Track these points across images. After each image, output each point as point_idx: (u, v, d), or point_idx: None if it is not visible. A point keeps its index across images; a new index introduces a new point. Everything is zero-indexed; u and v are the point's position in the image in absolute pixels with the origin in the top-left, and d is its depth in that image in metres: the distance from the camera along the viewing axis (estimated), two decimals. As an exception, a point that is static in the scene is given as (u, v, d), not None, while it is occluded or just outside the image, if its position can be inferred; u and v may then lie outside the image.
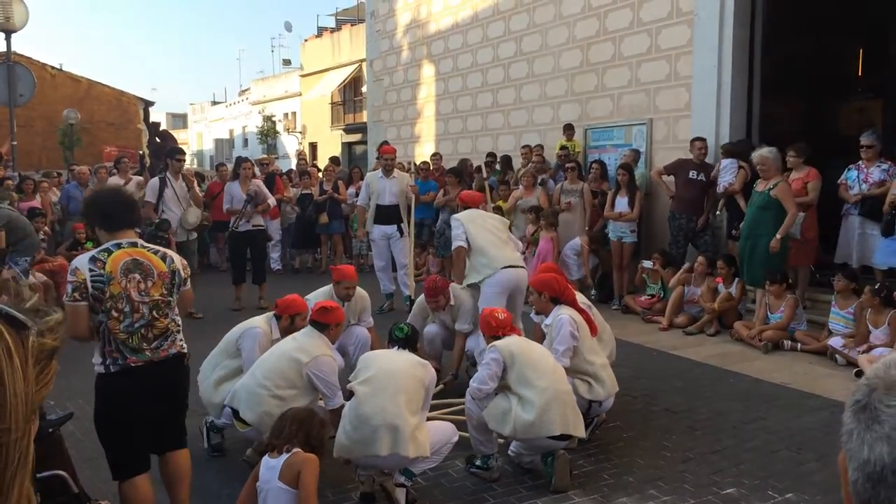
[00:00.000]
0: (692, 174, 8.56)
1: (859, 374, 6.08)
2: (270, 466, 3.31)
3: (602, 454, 4.58)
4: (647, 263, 8.68)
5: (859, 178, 7.44)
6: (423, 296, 6.11)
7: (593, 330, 4.92)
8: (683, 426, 5.09)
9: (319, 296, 5.73)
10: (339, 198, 12.02)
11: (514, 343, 4.28)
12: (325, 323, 4.32)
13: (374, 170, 9.19)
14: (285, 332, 4.80)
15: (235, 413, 4.20)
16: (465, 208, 6.58)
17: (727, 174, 8.23)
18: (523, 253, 9.28)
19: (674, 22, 9.42)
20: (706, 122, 8.97)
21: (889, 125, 10.60)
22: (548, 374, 4.13)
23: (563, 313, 4.75)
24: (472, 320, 5.80)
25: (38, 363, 0.97)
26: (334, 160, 14.37)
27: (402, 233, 8.66)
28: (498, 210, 9.99)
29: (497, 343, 4.25)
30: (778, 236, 6.97)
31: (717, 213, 8.59)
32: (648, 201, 9.47)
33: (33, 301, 1.05)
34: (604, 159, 10.06)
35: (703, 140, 8.65)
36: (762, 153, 7.24)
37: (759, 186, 7.28)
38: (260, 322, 4.81)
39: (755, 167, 7.33)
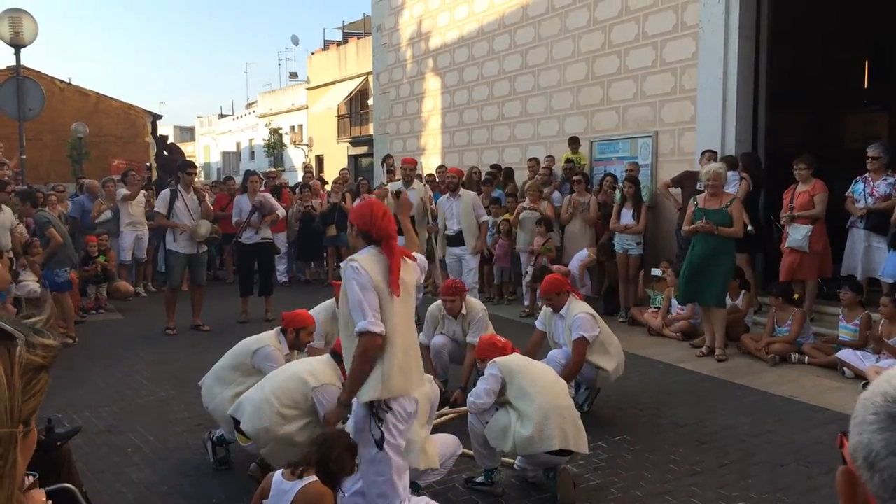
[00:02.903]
0: (699, 186, 8.53)
1: (867, 386, 6.04)
2: (283, 489, 3.15)
3: (609, 468, 4.57)
4: (657, 272, 8.69)
5: (865, 191, 7.44)
6: (433, 305, 6.12)
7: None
8: (691, 439, 5.07)
9: (322, 311, 5.74)
10: (345, 208, 12.06)
11: (514, 360, 4.31)
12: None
13: (390, 181, 9.29)
14: (291, 345, 4.81)
15: (237, 423, 4.19)
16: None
17: (730, 186, 8.14)
18: (532, 265, 9.34)
19: (679, 35, 9.45)
20: (712, 134, 8.98)
21: (895, 137, 10.60)
22: (547, 389, 4.11)
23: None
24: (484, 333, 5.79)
25: (26, 374, 0.98)
26: (342, 172, 14.43)
27: None
28: (506, 223, 10.04)
29: (497, 360, 4.27)
30: (717, 232, 6.95)
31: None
32: (654, 213, 9.47)
33: (39, 319, 1.07)
34: (609, 172, 10.08)
35: (713, 153, 8.63)
36: (716, 169, 7.09)
37: (710, 203, 7.08)
38: (269, 339, 4.82)
39: (708, 182, 7.09)
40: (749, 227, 7.47)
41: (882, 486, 0.82)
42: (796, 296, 7.50)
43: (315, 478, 3.15)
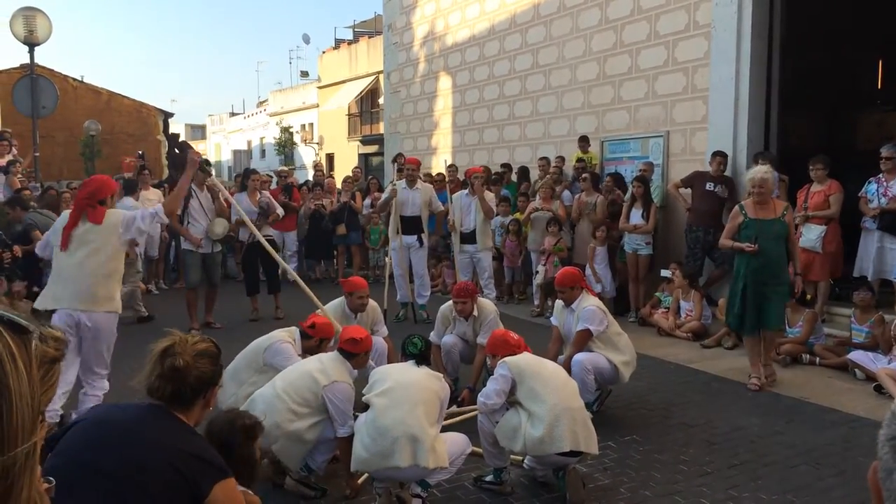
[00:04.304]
0: (709, 186, 8.52)
1: (878, 388, 6.02)
2: None
3: (619, 468, 4.56)
4: (666, 273, 8.66)
5: (879, 192, 7.39)
6: (444, 305, 6.12)
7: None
8: (701, 440, 5.06)
9: (331, 308, 5.76)
10: (355, 207, 12.09)
11: (524, 359, 4.28)
12: (353, 353, 4.35)
13: (398, 180, 9.36)
14: (310, 351, 4.82)
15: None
16: None
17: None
18: (543, 265, 9.33)
19: (691, 34, 9.41)
20: (723, 134, 8.94)
21: (909, 138, 10.51)
22: (557, 391, 4.10)
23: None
24: None
25: (42, 367, 1.00)
26: (354, 171, 14.46)
27: (421, 243, 8.86)
28: (515, 222, 10.04)
29: (507, 359, 4.25)
30: (800, 272, 6.31)
31: None
32: (665, 213, 9.44)
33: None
34: (620, 171, 10.07)
35: (724, 156, 8.57)
36: (762, 175, 6.03)
37: (763, 213, 6.06)
38: (281, 336, 4.84)
39: (754, 189, 6.06)
40: None
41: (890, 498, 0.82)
42: (808, 297, 7.46)
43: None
